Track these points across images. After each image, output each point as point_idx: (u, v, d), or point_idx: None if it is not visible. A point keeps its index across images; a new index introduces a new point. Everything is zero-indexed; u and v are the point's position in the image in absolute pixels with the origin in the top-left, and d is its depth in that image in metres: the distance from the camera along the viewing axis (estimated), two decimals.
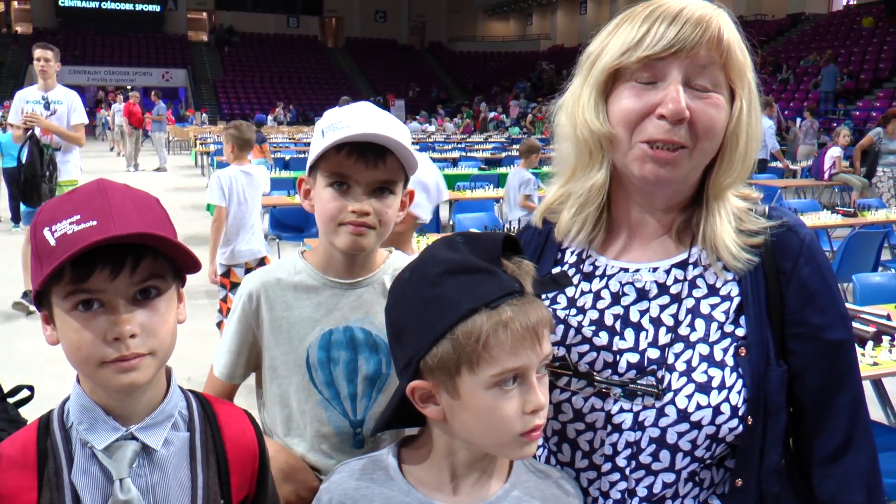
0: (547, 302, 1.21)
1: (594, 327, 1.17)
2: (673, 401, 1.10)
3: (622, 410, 1.13)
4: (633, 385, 1.12)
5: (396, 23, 45.24)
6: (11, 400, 1.65)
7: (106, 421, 1.04)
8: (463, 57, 44.73)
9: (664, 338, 1.13)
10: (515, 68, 39.74)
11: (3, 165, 7.34)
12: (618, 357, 1.14)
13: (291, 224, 7.47)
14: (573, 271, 1.23)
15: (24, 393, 1.67)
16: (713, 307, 1.14)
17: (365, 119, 1.34)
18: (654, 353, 1.13)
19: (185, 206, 10.88)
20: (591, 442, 1.15)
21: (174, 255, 1.04)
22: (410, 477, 1.09)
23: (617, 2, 32.88)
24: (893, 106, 15.55)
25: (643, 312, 1.16)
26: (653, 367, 1.12)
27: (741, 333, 1.12)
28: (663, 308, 1.15)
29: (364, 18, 44.76)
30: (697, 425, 1.09)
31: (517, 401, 1.00)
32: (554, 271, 1.24)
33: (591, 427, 1.15)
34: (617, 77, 1.11)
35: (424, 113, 29.47)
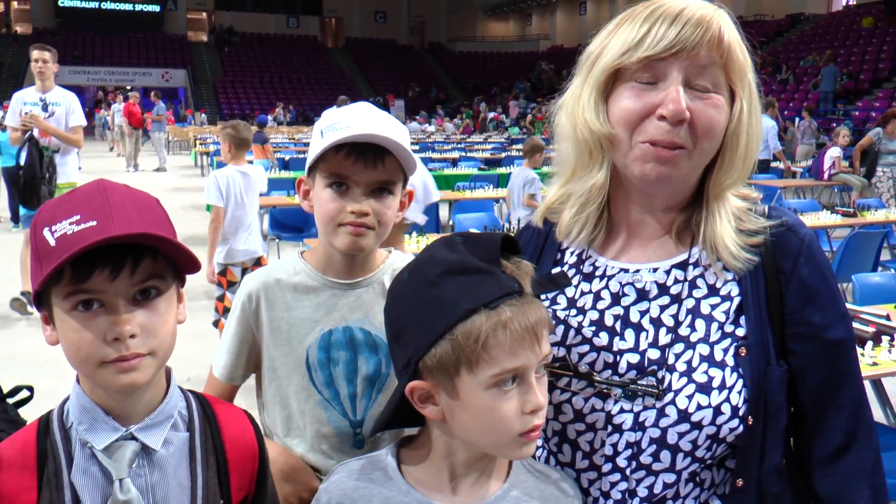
0: (547, 302, 1.21)
1: (594, 328, 1.17)
2: (673, 401, 1.10)
3: (622, 411, 1.13)
4: (634, 385, 1.12)
5: (396, 23, 45.23)
6: (11, 400, 1.65)
7: (106, 421, 1.04)
8: (462, 57, 44.72)
9: (664, 338, 1.13)
10: (515, 69, 39.74)
11: (3, 165, 7.33)
12: (618, 357, 1.14)
13: (291, 224, 7.48)
14: (573, 272, 1.23)
15: (24, 393, 1.67)
16: (713, 307, 1.14)
17: (364, 120, 1.34)
18: (655, 354, 1.13)
19: (185, 207, 10.88)
20: (592, 442, 1.15)
21: (174, 256, 1.04)
22: (409, 477, 1.09)
23: (616, 2, 32.89)
24: (893, 106, 15.56)
25: (643, 313, 1.16)
26: (653, 368, 1.12)
27: (741, 333, 1.12)
28: (663, 308, 1.15)
29: (364, 19, 44.75)
30: (698, 425, 1.08)
31: (516, 401, 1.00)
32: (553, 271, 1.24)
33: (592, 427, 1.15)
34: (617, 77, 1.11)
35: (424, 113, 29.46)
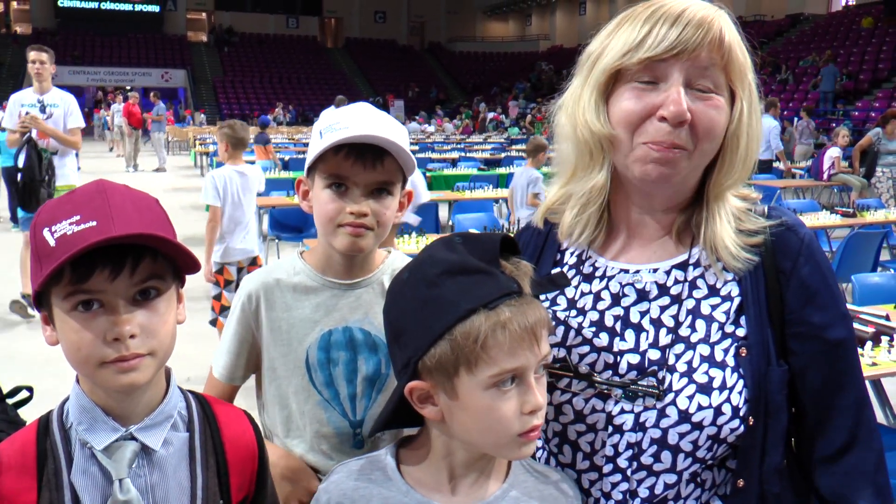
0: (547, 303, 1.21)
1: (594, 328, 1.17)
2: (674, 402, 1.09)
3: (623, 411, 1.12)
4: (634, 386, 1.12)
5: (396, 23, 45.21)
6: (11, 401, 1.65)
7: (105, 421, 1.04)
8: (462, 57, 44.70)
9: (665, 339, 1.13)
10: (515, 69, 39.72)
11: (3, 165, 7.31)
12: (618, 358, 1.14)
13: (290, 224, 7.48)
14: (573, 272, 1.23)
15: (24, 394, 1.67)
16: (713, 308, 1.13)
17: (363, 120, 1.34)
18: (655, 354, 1.13)
19: (185, 207, 10.88)
20: (592, 443, 1.15)
21: (174, 256, 1.04)
22: (409, 477, 1.09)
23: (616, 2, 32.89)
24: (892, 106, 15.56)
25: (643, 313, 1.16)
26: (653, 368, 1.12)
27: (742, 334, 1.11)
28: (664, 309, 1.15)
29: (363, 19, 44.73)
30: (699, 426, 1.08)
31: (515, 401, 1.00)
32: (553, 272, 1.23)
33: (592, 428, 1.15)
34: (618, 78, 1.10)
35: (423, 113, 29.44)
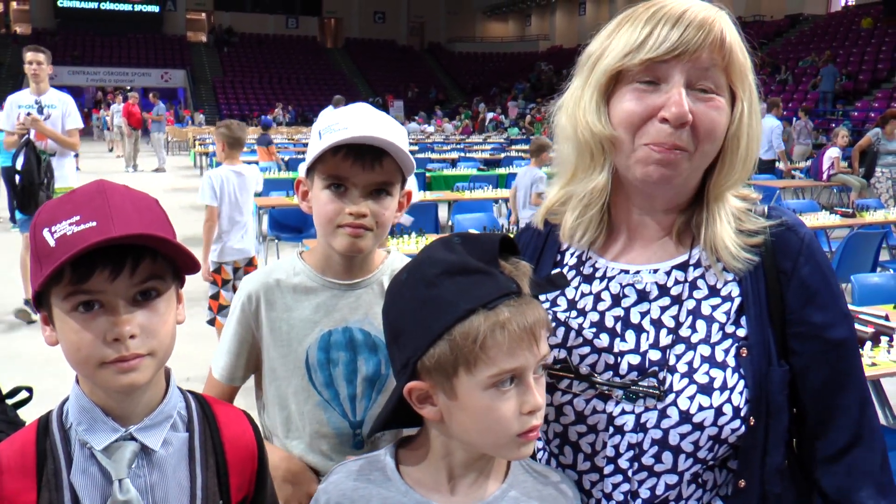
0: (547, 304, 1.21)
1: (595, 329, 1.17)
2: (675, 402, 1.09)
3: (624, 412, 1.12)
4: (635, 387, 1.11)
5: (395, 23, 45.20)
6: (10, 401, 1.65)
7: (105, 421, 1.04)
8: (462, 58, 44.69)
9: (665, 339, 1.13)
10: (514, 69, 39.71)
11: (1, 164, 7.28)
12: (619, 359, 1.14)
13: (290, 225, 7.48)
14: (573, 273, 1.23)
15: (23, 394, 1.67)
16: (714, 308, 1.13)
17: (362, 121, 1.34)
18: (656, 355, 1.12)
19: (184, 207, 10.87)
20: (593, 444, 1.15)
21: (173, 256, 1.04)
22: (408, 477, 1.09)
23: (616, 2, 32.89)
24: (892, 106, 15.57)
25: (644, 314, 1.15)
26: (654, 369, 1.11)
27: (742, 334, 1.11)
28: (664, 309, 1.15)
29: (363, 19, 44.71)
30: (700, 426, 1.08)
31: (514, 401, 1.00)
32: (552, 273, 1.23)
33: (593, 429, 1.14)
34: (618, 79, 1.10)
35: (423, 114, 29.43)
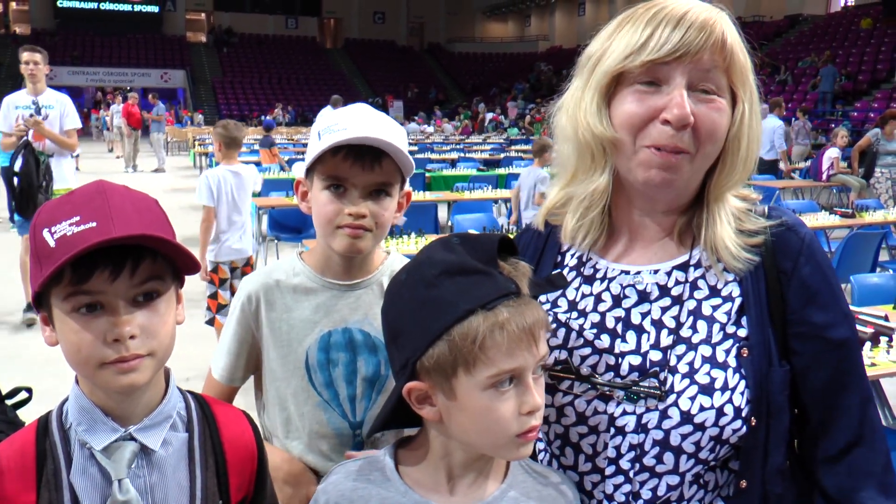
0: (548, 305, 1.21)
1: (596, 330, 1.16)
2: (676, 403, 1.09)
3: (625, 413, 1.12)
4: (636, 387, 1.11)
5: (395, 24, 45.19)
6: (10, 402, 1.65)
7: (105, 422, 1.04)
8: (461, 58, 44.68)
9: (666, 340, 1.13)
10: (514, 69, 39.70)
11: (1, 165, 7.26)
12: (620, 360, 1.14)
13: (290, 225, 7.48)
14: (573, 274, 1.22)
15: (23, 394, 1.67)
16: (715, 308, 1.13)
17: (361, 122, 1.34)
18: (657, 356, 1.12)
19: (184, 207, 10.87)
20: (595, 445, 1.14)
21: (173, 256, 1.04)
22: (407, 478, 1.09)
23: (615, 3, 32.89)
24: (891, 107, 15.57)
25: (644, 315, 1.15)
26: (655, 370, 1.11)
27: (743, 334, 1.11)
28: (665, 310, 1.15)
29: (363, 19, 44.69)
30: (701, 427, 1.08)
31: (513, 402, 1.00)
32: (552, 273, 1.23)
33: (594, 430, 1.14)
34: (619, 80, 1.10)
35: (423, 114, 29.42)
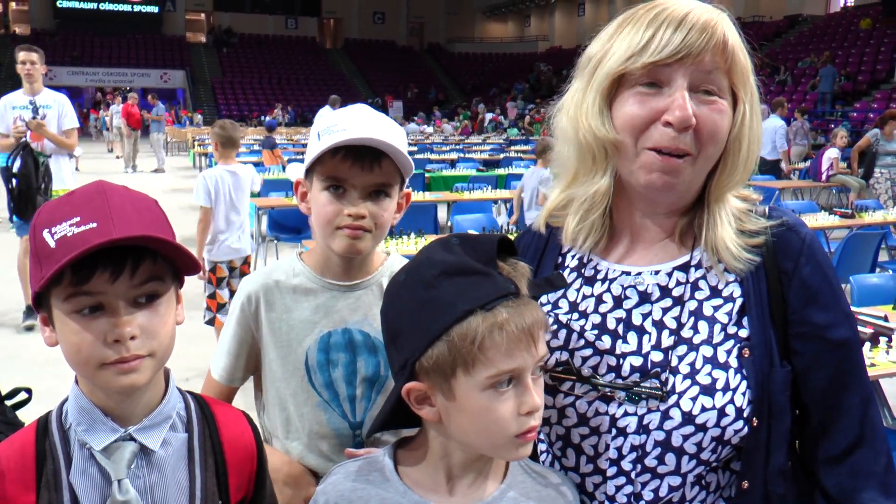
0: (549, 306, 1.21)
1: (597, 331, 1.16)
2: (677, 403, 1.09)
3: (626, 414, 1.12)
4: (637, 388, 1.11)
5: (395, 24, 45.19)
6: (9, 402, 1.65)
7: (104, 422, 1.04)
8: (461, 58, 44.69)
9: (667, 340, 1.13)
10: (513, 70, 39.70)
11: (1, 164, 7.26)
12: (621, 360, 1.14)
13: (289, 225, 7.48)
14: (574, 275, 1.22)
15: (22, 395, 1.67)
16: (716, 309, 1.13)
17: (360, 123, 1.34)
18: (658, 356, 1.12)
19: (183, 208, 10.86)
20: (596, 446, 1.14)
21: (173, 257, 1.04)
22: (406, 478, 1.09)
23: (615, 3, 32.89)
24: (891, 107, 15.57)
25: (646, 315, 1.15)
26: (656, 370, 1.11)
27: (744, 334, 1.11)
28: (666, 311, 1.14)
29: (362, 20, 44.69)
30: (702, 427, 1.08)
31: (512, 402, 1.00)
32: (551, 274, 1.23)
33: (596, 431, 1.14)
34: (620, 82, 1.09)
35: (422, 114, 29.41)
